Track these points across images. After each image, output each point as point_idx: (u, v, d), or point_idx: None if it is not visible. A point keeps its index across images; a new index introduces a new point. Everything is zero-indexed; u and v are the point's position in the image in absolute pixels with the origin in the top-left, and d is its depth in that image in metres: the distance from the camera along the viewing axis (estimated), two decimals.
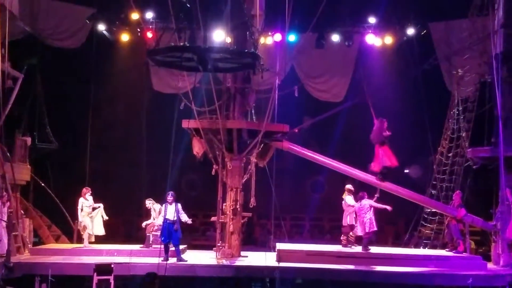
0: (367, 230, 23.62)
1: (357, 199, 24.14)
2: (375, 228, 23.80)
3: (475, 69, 26.52)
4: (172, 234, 22.32)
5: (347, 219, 24.50)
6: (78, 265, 21.69)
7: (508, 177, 23.02)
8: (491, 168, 24.29)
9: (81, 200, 24.17)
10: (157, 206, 23.93)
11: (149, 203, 24.23)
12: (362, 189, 24.84)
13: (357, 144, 31.49)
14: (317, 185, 33.35)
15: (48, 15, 28.52)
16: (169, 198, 22.50)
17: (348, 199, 24.46)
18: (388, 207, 23.96)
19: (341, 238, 24.85)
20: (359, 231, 24.03)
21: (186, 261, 22.36)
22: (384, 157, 24.41)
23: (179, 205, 22.64)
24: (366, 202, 23.79)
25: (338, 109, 27.79)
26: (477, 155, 24.58)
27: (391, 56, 29.89)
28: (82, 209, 24.09)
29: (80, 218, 24.09)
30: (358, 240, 24.58)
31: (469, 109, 27.04)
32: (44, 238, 26.13)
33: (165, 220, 22.31)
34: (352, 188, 24.68)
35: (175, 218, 22.34)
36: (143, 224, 24.43)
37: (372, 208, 23.71)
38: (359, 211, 23.90)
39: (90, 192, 24.41)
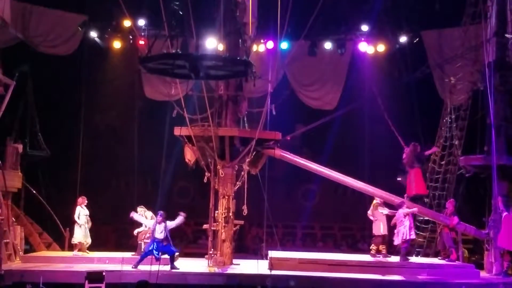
0: (404, 238, 23.58)
1: (397, 207, 24.15)
2: (412, 237, 23.77)
3: (467, 77, 26.51)
4: (162, 249, 22.27)
5: (380, 229, 24.43)
6: (70, 273, 21.62)
7: (501, 185, 23.04)
8: (483, 176, 24.30)
9: (78, 208, 24.17)
10: (148, 213, 23.86)
11: (141, 210, 24.15)
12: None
13: (350, 152, 31.54)
14: (309, 193, 33.32)
15: (40, 22, 28.41)
16: (159, 218, 22.48)
17: (381, 209, 24.43)
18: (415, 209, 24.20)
19: (371, 248, 24.79)
20: (396, 241, 23.96)
21: (179, 269, 22.30)
22: (413, 183, 24.54)
23: (168, 223, 22.56)
24: (401, 211, 23.78)
25: (331, 117, 27.71)
26: (470, 163, 24.57)
27: (384, 64, 29.87)
28: (79, 217, 24.13)
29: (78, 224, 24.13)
30: (391, 250, 24.60)
31: (462, 117, 27.03)
32: (35, 246, 26.03)
33: (154, 239, 22.25)
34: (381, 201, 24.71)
35: (163, 236, 22.30)
36: (135, 232, 24.37)
37: (407, 216, 23.65)
38: (396, 220, 23.90)
39: (86, 202, 24.50)
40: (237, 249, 26.23)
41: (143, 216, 23.96)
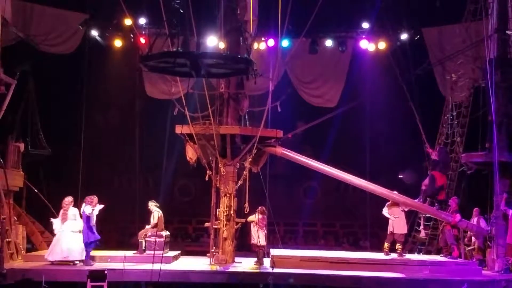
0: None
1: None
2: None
3: (468, 74, 26.54)
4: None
5: (403, 227, 24.51)
6: (72, 271, 21.59)
7: (503, 182, 23.03)
8: (485, 173, 24.29)
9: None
10: (156, 213, 23.74)
11: (152, 204, 23.99)
12: None
13: (351, 149, 31.54)
14: (310, 190, 33.34)
15: (41, 21, 28.43)
16: (91, 200, 22.71)
17: (401, 207, 24.59)
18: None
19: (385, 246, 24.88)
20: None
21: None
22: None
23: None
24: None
25: (332, 114, 27.68)
26: (472, 160, 24.57)
27: (385, 61, 29.83)
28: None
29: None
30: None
31: (463, 114, 27.08)
32: (37, 245, 25.99)
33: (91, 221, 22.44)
34: None
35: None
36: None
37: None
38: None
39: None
40: (239, 247, 26.21)
41: (152, 212, 23.86)
